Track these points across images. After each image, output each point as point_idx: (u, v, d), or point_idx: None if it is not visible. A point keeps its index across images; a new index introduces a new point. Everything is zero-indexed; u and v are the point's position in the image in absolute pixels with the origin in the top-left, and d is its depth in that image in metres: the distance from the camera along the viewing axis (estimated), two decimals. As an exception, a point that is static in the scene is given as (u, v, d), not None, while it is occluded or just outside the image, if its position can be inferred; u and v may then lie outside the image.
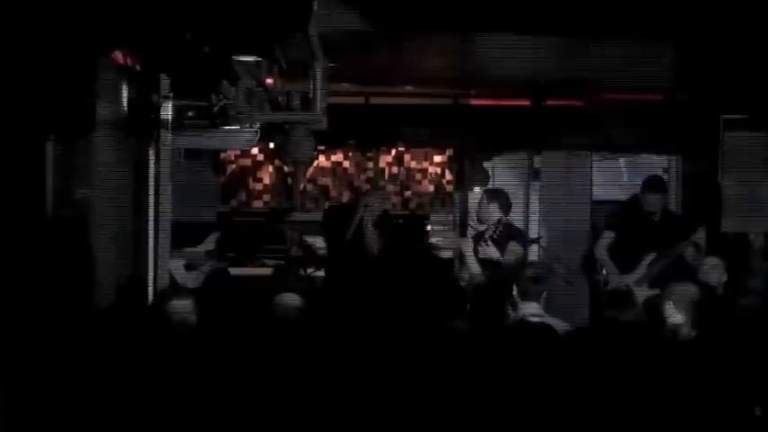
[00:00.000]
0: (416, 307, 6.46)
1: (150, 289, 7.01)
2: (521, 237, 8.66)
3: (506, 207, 8.46)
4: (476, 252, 8.29)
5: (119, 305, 6.08)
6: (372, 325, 5.93)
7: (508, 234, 8.46)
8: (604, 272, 8.56)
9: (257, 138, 7.34)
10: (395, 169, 10.40)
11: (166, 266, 6.90)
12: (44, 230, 5.22)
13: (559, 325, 6.21)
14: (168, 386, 4.57)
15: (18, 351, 4.75)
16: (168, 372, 4.69)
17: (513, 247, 8.31)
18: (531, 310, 6.46)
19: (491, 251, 8.32)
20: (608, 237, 8.60)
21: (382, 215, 8.59)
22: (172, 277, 7.10)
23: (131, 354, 4.97)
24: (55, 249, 5.30)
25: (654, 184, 8.71)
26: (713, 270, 7.50)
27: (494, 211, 8.39)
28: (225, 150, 9.86)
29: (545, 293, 6.89)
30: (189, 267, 7.59)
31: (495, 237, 8.39)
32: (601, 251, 8.56)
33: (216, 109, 6.59)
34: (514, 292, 6.66)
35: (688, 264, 8.12)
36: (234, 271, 8.89)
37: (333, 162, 10.29)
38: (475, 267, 8.16)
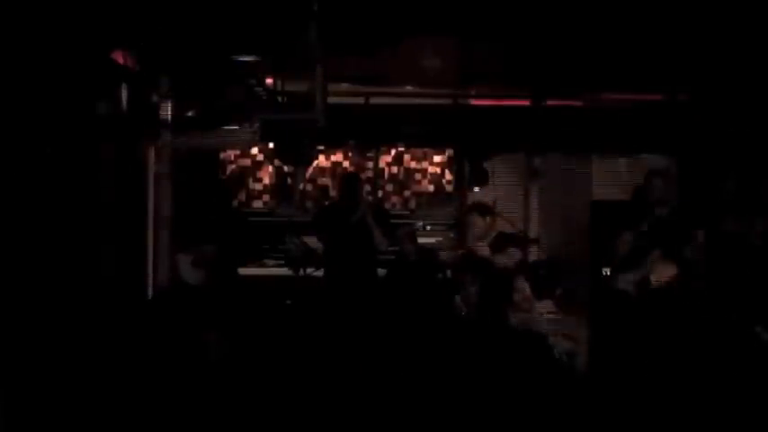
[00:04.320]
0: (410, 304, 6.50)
1: (150, 290, 7.02)
2: (516, 241, 8.72)
3: (489, 215, 8.61)
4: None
5: (118, 304, 6.08)
6: (372, 321, 5.96)
7: (504, 240, 8.57)
8: (606, 271, 8.51)
9: (257, 138, 7.34)
10: (395, 169, 10.40)
11: (166, 266, 6.89)
12: (44, 231, 5.22)
13: (575, 324, 6.29)
14: (168, 383, 4.57)
15: (18, 349, 4.75)
16: (168, 368, 4.69)
17: (510, 251, 8.43)
18: (545, 308, 6.49)
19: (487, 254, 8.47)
20: (627, 238, 8.50)
21: (376, 210, 8.56)
22: (177, 272, 7.03)
23: (130, 351, 4.98)
24: (54, 249, 5.30)
25: (656, 171, 8.57)
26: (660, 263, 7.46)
27: (478, 221, 8.58)
28: (225, 150, 9.86)
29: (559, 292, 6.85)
30: (196, 264, 7.54)
31: (490, 244, 8.54)
32: (612, 251, 8.47)
33: (216, 109, 6.59)
34: (528, 292, 6.71)
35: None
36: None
37: (333, 162, 10.29)
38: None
